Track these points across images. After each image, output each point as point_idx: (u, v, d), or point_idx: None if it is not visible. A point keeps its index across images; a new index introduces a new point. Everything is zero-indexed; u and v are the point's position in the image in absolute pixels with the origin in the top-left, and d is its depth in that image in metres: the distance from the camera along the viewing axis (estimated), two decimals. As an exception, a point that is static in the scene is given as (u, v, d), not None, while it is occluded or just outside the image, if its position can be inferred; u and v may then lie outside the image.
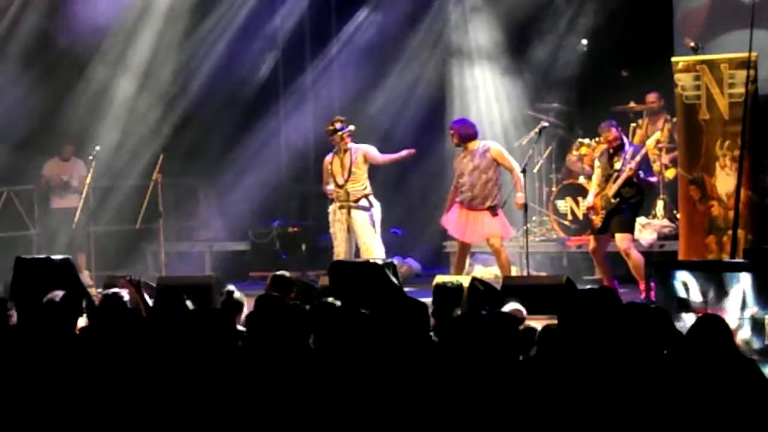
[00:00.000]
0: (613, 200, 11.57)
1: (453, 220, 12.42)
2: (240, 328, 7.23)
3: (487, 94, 15.32)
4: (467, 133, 12.33)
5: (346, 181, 12.41)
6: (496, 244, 12.30)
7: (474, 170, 12.19)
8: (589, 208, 11.78)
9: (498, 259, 12.45)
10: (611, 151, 11.74)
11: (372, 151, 12.56)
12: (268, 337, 6.37)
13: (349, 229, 12.43)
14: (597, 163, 12.03)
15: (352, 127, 12.50)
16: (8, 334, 7.21)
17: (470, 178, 12.22)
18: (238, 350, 6.44)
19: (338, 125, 12.51)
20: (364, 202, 12.46)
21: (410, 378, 5.79)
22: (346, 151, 12.48)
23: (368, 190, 12.51)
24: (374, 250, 12.31)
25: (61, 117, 15.15)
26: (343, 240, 12.46)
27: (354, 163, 12.43)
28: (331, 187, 12.53)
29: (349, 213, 12.35)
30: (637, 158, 11.50)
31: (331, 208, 12.64)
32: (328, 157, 12.64)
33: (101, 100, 15.31)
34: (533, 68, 15.09)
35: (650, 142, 11.94)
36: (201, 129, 15.93)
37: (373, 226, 12.49)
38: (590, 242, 11.94)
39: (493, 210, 12.21)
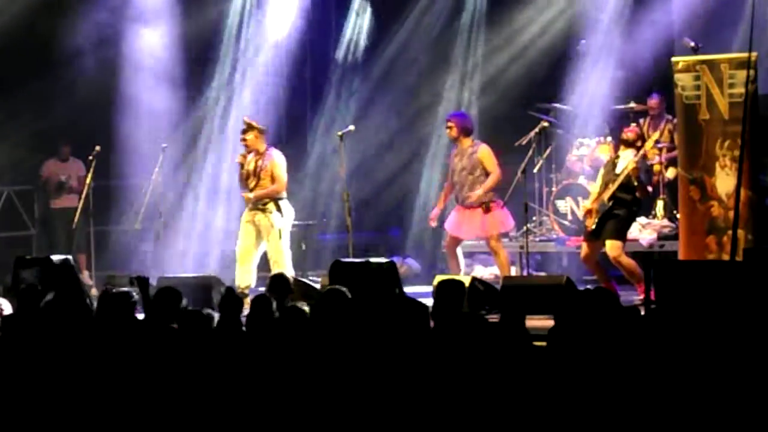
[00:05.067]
0: (607, 202, 11.47)
1: (451, 219, 12.47)
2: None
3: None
4: (465, 127, 12.38)
5: (256, 185, 12.12)
6: (493, 244, 12.32)
7: (462, 171, 12.31)
8: (587, 212, 11.68)
9: (497, 259, 12.45)
10: (615, 159, 11.71)
11: (277, 170, 12.09)
12: (266, 337, 6.37)
13: (260, 235, 12.11)
14: (602, 171, 11.92)
15: (250, 134, 12.17)
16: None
17: (459, 178, 12.34)
18: (237, 350, 6.44)
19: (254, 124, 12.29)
20: (272, 207, 12.12)
21: (409, 378, 5.78)
22: (251, 151, 12.16)
23: (281, 195, 12.19)
24: (283, 265, 11.93)
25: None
26: (246, 245, 12.15)
27: (263, 169, 12.13)
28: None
29: (260, 215, 12.07)
30: (638, 157, 11.46)
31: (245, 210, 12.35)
32: (249, 155, 12.25)
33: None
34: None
35: (648, 144, 11.89)
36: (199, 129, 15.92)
37: (280, 236, 12.02)
38: (582, 249, 11.75)
39: (485, 206, 12.22)
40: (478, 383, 5.69)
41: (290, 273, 11.80)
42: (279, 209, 12.05)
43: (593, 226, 11.47)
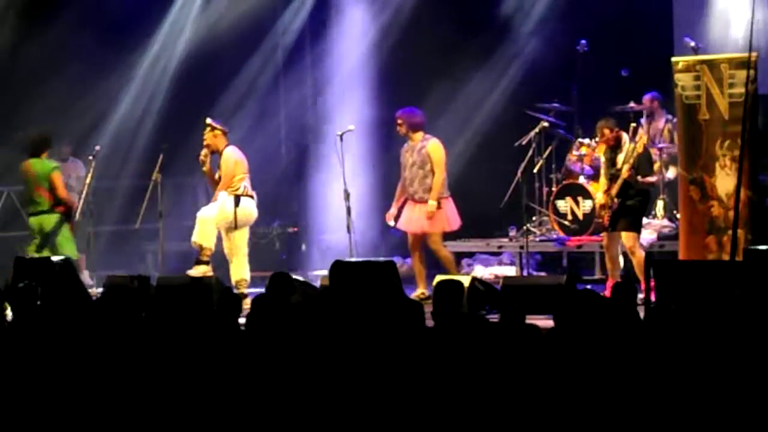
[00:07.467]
0: (616, 200, 11.63)
1: (402, 214, 12.47)
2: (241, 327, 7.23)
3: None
4: (415, 122, 12.39)
5: (218, 184, 12.23)
6: (434, 242, 12.30)
7: (413, 166, 12.34)
8: (601, 207, 11.84)
9: (440, 258, 12.37)
10: (610, 149, 11.80)
11: (225, 165, 12.16)
12: (267, 336, 6.37)
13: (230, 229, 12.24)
14: (602, 159, 12.10)
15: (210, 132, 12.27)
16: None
17: (410, 173, 12.35)
18: (237, 350, 6.45)
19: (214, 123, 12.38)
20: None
21: (408, 379, 5.79)
22: (212, 150, 12.29)
23: (241, 191, 12.22)
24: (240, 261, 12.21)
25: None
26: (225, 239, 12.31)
27: (220, 167, 12.22)
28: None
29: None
30: (631, 161, 11.54)
31: None
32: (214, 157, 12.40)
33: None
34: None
35: (639, 146, 11.91)
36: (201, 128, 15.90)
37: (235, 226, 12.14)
38: (603, 239, 12.04)
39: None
40: (477, 383, 5.69)
41: (244, 270, 12.08)
42: (237, 204, 12.05)
43: (609, 222, 11.73)
